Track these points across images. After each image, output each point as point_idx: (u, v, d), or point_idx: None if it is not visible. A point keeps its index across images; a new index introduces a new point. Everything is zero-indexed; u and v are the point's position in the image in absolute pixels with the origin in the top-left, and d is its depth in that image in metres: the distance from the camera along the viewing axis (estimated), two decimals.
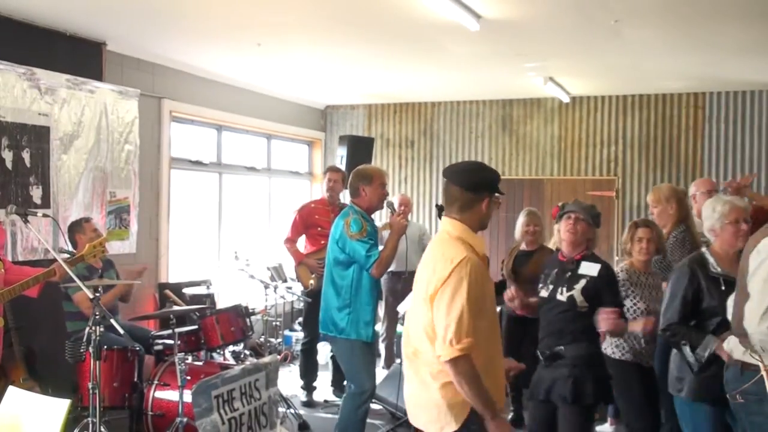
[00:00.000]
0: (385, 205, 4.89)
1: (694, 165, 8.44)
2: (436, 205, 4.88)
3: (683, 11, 5.22)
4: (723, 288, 3.50)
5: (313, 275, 6.44)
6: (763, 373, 2.85)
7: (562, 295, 3.82)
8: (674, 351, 3.80)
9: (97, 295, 4.05)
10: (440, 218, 4.40)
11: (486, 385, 2.79)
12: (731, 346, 3.17)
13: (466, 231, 2.99)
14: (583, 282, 3.80)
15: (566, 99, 8.65)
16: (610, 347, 4.45)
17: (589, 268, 3.84)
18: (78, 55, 6.07)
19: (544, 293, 3.95)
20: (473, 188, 2.98)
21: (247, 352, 6.61)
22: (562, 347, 3.76)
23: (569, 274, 3.87)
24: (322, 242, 6.51)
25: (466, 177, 3.03)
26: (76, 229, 5.44)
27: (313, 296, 6.38)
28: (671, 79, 7.75)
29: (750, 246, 3.11)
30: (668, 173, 8.52)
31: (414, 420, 3.02)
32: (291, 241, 6.58)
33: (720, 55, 6.59)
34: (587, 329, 3.76)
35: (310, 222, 6.54)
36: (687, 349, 3.52)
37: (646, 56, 6.63)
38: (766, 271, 2.90)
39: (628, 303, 4.42)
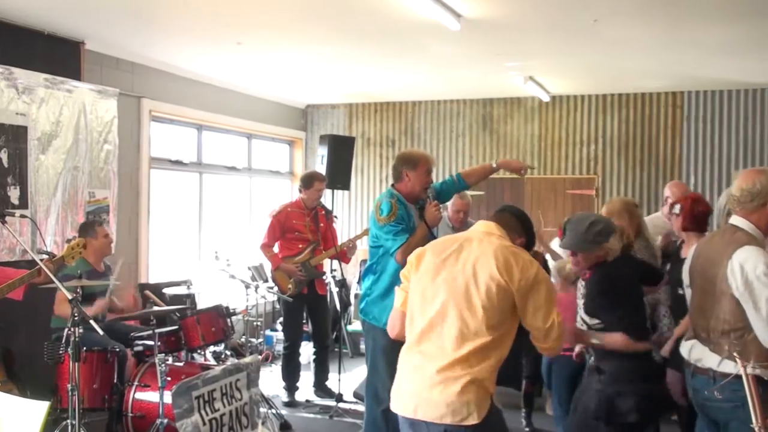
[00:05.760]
0: (428, 194, 4.49)
1: (672, 163, 8.51)
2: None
3: (662, 11, 5.26)
4: None
5: (291, 280, 6.42)
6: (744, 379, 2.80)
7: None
8: None
9: (75, 296, 4.02)
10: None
11: None
12: (697, 355, 3.15)
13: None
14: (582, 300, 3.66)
15: (546, 98, 8.70)
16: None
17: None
18: (56, 54, 6.01)
19: None
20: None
21: (228, 353, 6.56)
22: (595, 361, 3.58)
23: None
24: (300, 246, 6.51)
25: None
26: (88, 232, 5.44)
27: (292, 297, 6.37)
28: (650, 78, 7.81)
29: (714, 253, 3.09)
30: (647, 172, 8.60)
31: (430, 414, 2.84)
32: (267, 246, 6.51)
33: (699, 55, 6.65)
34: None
35: (288, 226, 6.49)
36: None
37: (626, 55, 6.68)
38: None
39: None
